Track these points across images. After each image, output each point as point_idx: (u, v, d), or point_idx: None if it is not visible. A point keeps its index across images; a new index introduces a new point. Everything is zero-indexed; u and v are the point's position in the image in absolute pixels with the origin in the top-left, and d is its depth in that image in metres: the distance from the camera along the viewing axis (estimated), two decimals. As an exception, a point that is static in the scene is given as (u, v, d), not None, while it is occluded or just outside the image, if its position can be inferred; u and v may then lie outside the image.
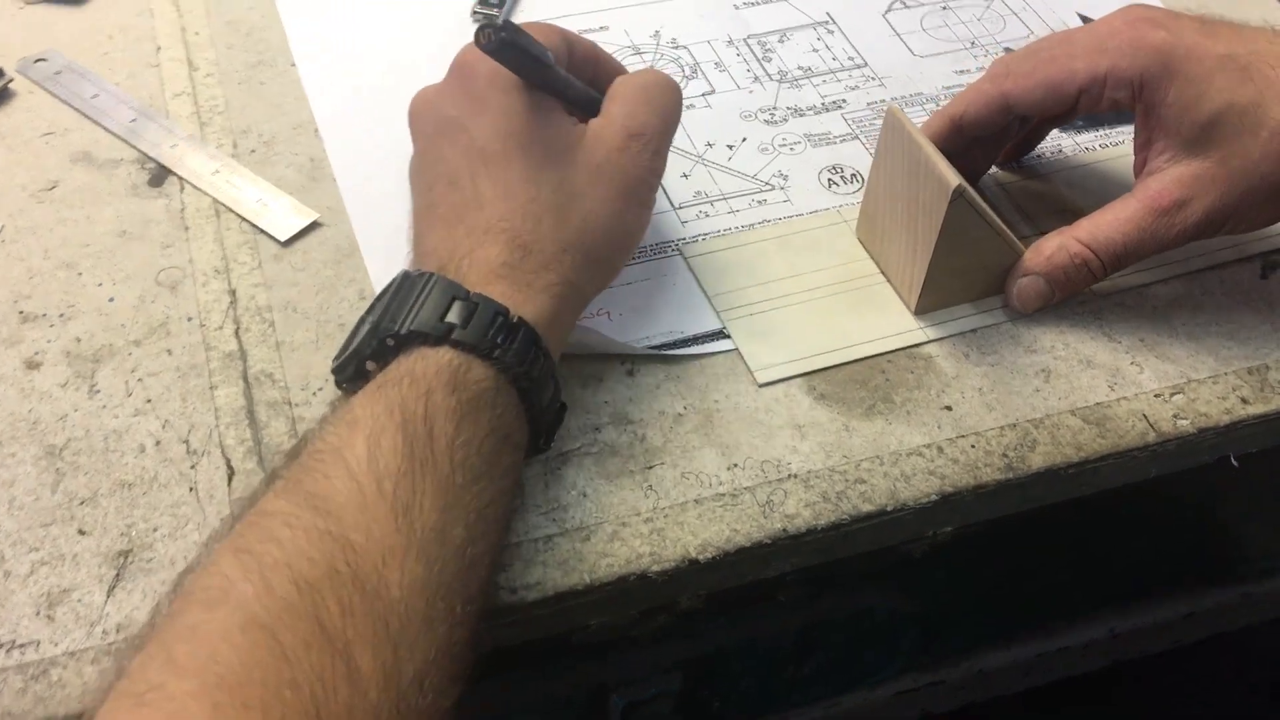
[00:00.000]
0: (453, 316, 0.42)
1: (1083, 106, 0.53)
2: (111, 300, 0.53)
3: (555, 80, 0.49)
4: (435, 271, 0.43)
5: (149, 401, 0.49)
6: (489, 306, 0.42)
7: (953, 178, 0.50)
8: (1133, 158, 0.62)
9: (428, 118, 0.49)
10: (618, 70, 0.53)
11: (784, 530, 0.47)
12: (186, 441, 0.48)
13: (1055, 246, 0.53)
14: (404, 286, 0.43)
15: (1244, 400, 0.52)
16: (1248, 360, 0.54)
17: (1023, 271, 0.53)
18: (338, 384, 0.44)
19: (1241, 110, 0.50)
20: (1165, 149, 0.52)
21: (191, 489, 0.47)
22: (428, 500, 0.38)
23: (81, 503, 0.46)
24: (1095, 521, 0.62)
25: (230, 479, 0.47)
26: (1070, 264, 0.53)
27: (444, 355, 0.41)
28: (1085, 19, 0.70)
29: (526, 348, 0.42)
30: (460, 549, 0.38)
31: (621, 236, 0.48)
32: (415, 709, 0.35)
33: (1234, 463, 0.54)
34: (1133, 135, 0.55)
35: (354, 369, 0.43)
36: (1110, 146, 0.63)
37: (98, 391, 0.49)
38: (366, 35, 0.67)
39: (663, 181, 0.60)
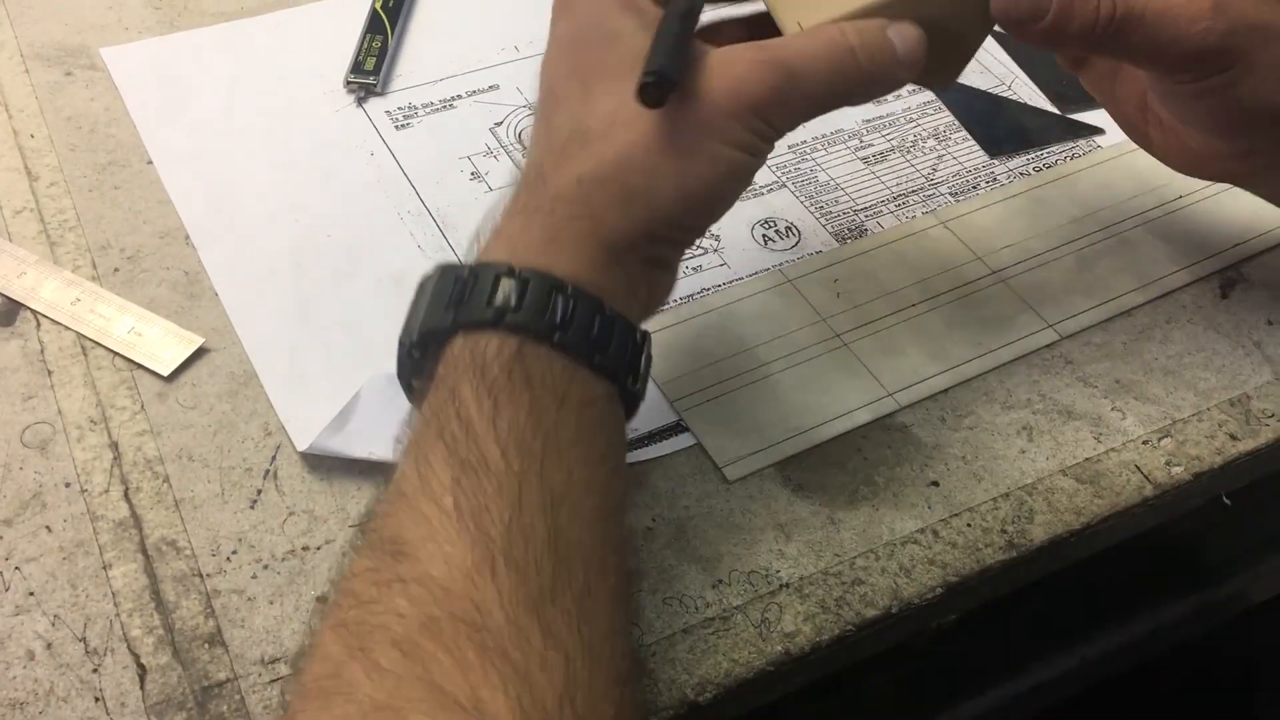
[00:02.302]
0: (456, 299, 0.38)
1: None
2: (-31, 473, 0.45)
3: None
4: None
5: (31, 595, 0.42)
6: (487, 272, 0.38)
7: None
8: (1068, 176, 0.59)
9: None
10: None
11: (785, 652, 0.42)
12: (83, 639, 0.41)
13: None
14: (418, 288, 0.40)
15: (1233, 437, 0.49)
16: (1228, 391, 0.51)
17: None
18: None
19: None
20: None
21: (97, 699, 0.39)
22: (492, 501, 0.34)
23: (-37, 736, 0.38)
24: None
25: (142, 679, 0.40)
26: None
27: (458, 344, 0.37)
28: None
29: (544, 298, 0.37)
30: (549, 541, 0.34)
31: (657, 169, 0.39)
32: None
33: (1226, 501, 0.51)
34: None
35: (408, 393, 0.40)
36: (1045, 169, 0.60)
37: (-34, 591, 0.42)
38: (229, 119, 0.59)
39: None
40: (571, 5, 0.42)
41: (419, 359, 0.39)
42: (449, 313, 0.38)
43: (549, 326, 0.37)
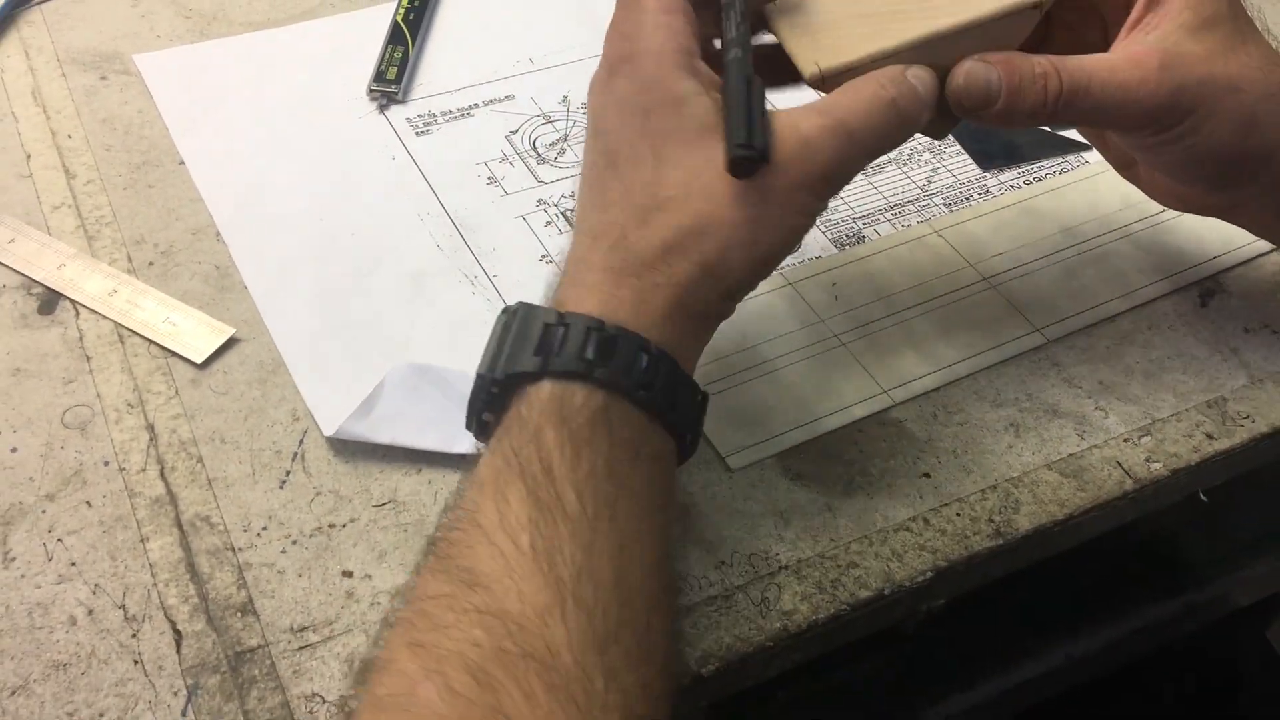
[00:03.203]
0: (546, 345, 0.39)
1: None
2: (14, 451, 0.47)
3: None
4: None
5: (73, 564, 0.44)
6: (579, 324, 0.39)
7: None
8: (1057, 190, 0.62)
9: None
10: None
11: (784, 629, 0.45)
12: (123, 607, 0.43)
13: (1020, 57, 0.45)
14: (503, 325, 0.41)
15: (1209, 436, 0.52)
16: (1205, 393, 0.54)
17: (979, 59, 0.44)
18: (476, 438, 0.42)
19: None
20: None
21: (136, 661, 0.42)
22: (566, 544, 0.36)
23: (12, 692, 0.41)
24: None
25: (179, 644, 0.42)
26: (1031, 73, 0.44)
27: (544, 389, 0.39)
28: None
29: (631, 357, 0.39)
30: (614, 585, 0.36)
31: (744, 245, 0.42)
32: None
33: (1203, 498, 0.54)
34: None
35: (475, 424, 0.42)
36: (1035, 183, 0.63)
37: (13, 559, 0.44)
38: (257, 124, 0.62)
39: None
40: (632, 61, 0.43)
41: (497, 395, 0.40)
42: (538, 358, 0.39)
43: (634, 384, 0.39)
